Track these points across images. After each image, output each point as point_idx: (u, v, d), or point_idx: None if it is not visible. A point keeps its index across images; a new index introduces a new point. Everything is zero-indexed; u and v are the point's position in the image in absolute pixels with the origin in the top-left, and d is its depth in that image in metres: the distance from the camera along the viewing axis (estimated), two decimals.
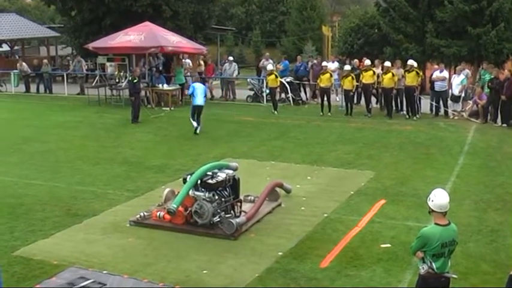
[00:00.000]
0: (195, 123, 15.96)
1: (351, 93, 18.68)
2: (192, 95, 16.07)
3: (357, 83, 18.63)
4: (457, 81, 18.20)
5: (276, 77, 19.56)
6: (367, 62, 19.34)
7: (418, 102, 18.02)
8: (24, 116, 19.10)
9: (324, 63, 20.19)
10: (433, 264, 5.16)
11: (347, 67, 19.35)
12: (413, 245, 5.30)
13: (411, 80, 17.60)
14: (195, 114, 15.96)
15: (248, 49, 45.48)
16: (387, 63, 18.45)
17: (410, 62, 18.14)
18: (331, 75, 18.98)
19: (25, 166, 12.18)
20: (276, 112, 19.14)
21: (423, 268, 5.23)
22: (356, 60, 21.60)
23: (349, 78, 18.35)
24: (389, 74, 17.81)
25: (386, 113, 18.25)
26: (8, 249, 7.57)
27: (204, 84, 17.75)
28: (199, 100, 15.88)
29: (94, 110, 20.20)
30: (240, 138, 15.27)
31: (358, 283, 6.68)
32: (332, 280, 6.75)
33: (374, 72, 18.53)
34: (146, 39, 20.49)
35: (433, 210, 5.21)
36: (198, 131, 15.88)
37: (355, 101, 19.45)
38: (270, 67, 20.38)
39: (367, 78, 18.43)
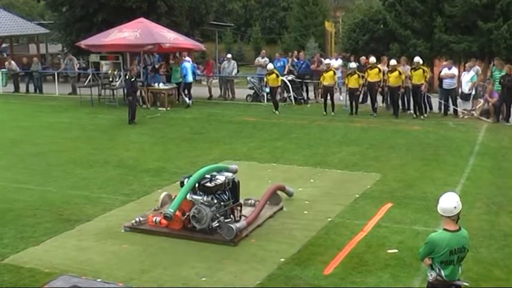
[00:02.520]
0: (186, 99, 20.17)
1: (357, 92, 18.37)
2: (184, 74, 20.21)
3: (363, 81, 18.33)
4: (467, 79, 17.80)
5: (277, 76, 19.31)
6: (372, 59, 18.97)
7: (426, 100, 17.71)
8: (13, 117, 18.82)
9: (327, 61, 19.94)
10: (442, 271, 5.04)
11: (353, 65, 19.01)
12: (420, 251, 5.22)
13: (418, 78, 17.31)
14: (185, 90, 20.24)
15: (248, 46, 45.22)
16: (393, 61, 18.13)
17: (417, 59, 17.82)
18: (334, 73, 18.71)
19: (15, 170, 11.96)
20: (277, 112, 18.93)
21: (431, 275, 5.13)
22: (363, 57, 21.21)
23: (355, 76, 18.01)
24: (396, 72, 17.48)
25: (392, 112, 17.99)
26: None
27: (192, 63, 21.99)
28: (189, 78, 20.36)
29: (87, 111, 19.97)
30: (239, 139, 15.09)
31: None
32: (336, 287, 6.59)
33: (380, 70, 18.19)
34: (142, 36, 20.02)
35: (441, 215, 5.09)
36: (190, 104, 19.99)
37: (360, 99, 19.13)
38: (270, 66, 20.08)
39: (372, 76, 18.08)
